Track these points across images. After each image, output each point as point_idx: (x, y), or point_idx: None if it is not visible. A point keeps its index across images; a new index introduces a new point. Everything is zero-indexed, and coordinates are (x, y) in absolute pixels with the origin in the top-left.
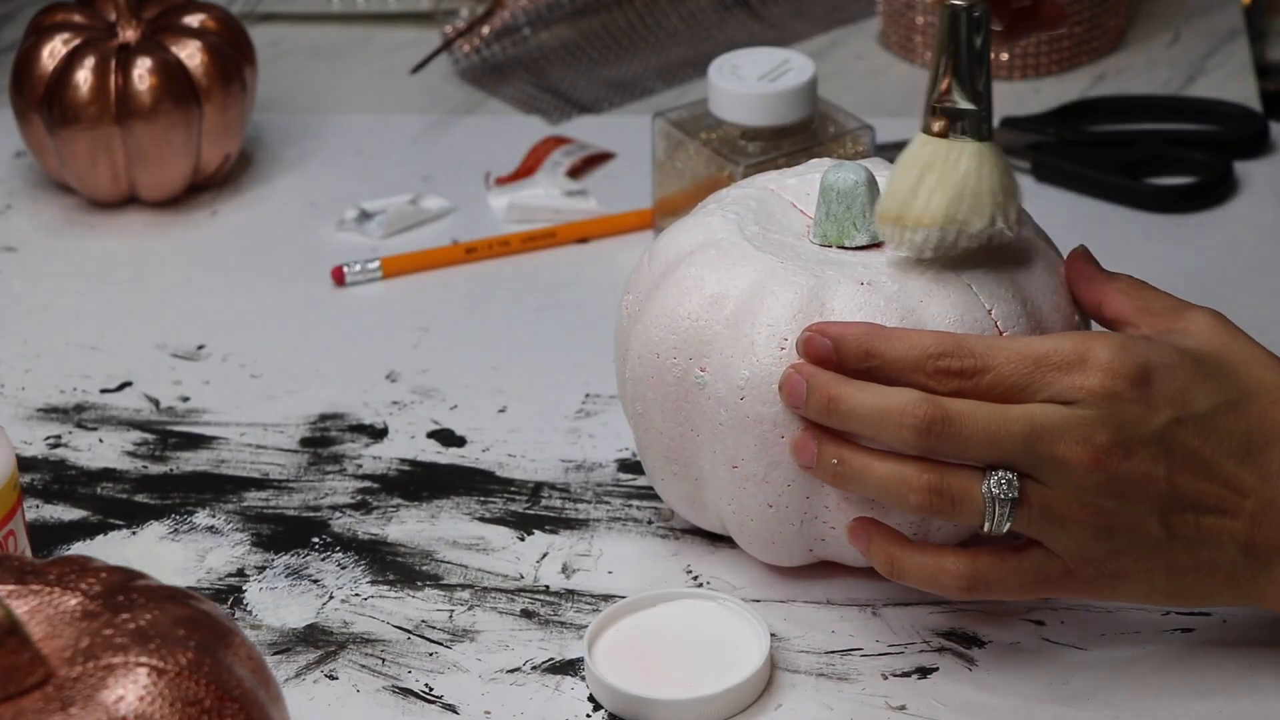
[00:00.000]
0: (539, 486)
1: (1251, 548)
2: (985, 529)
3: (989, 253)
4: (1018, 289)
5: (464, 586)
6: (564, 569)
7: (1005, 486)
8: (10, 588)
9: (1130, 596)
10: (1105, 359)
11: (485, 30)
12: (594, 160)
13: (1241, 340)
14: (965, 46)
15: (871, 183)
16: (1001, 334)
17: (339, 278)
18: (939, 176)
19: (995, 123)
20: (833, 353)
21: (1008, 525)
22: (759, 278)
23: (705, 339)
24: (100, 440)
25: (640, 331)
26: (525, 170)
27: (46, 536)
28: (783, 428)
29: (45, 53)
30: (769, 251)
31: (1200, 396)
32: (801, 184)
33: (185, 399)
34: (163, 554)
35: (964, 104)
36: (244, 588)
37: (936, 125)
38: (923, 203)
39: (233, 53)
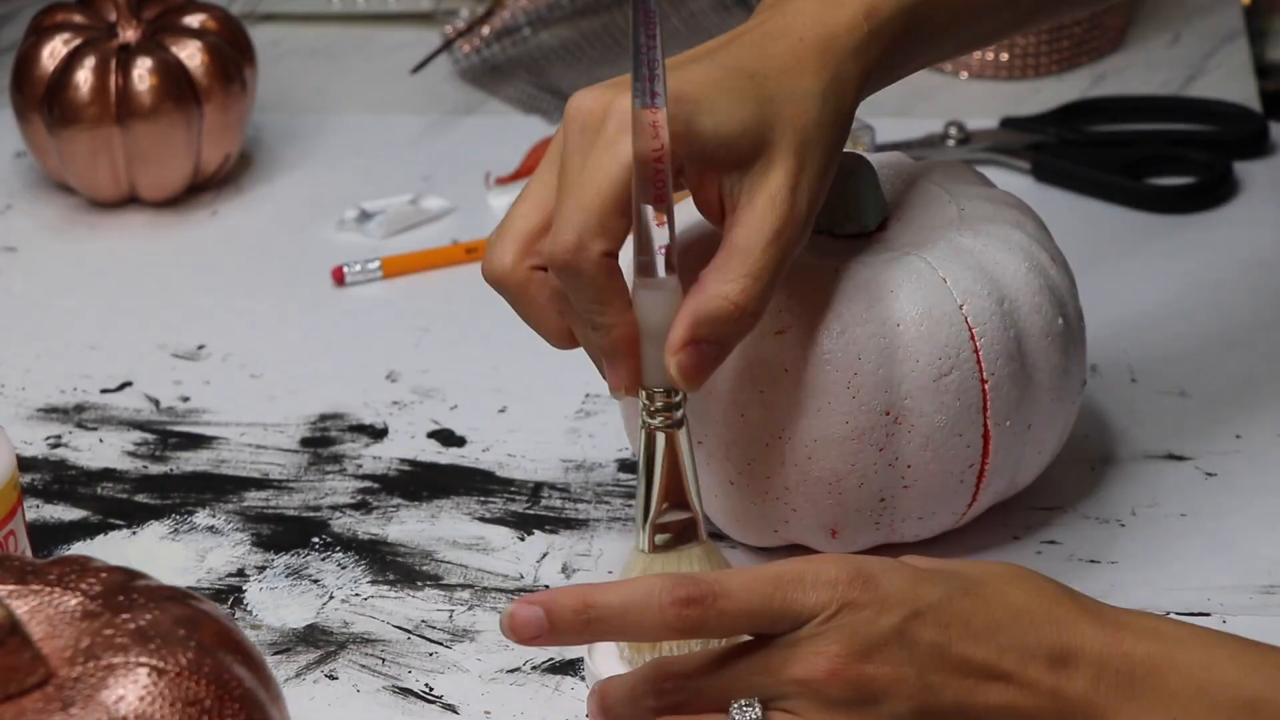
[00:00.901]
0: (539, 486)
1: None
2: None
3: (968, 247)
4: (994, 286)
5: (464, 586)
6: (564, 569)
7: (743, 711)
8: (10, 588)
9: None
10: (829, 573)
11: (485, 30)
12: None
13: (1017, 569)
14: (665, 462)
15: (867, 171)
16: (972, 330)
17: (339, 278)
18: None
19: (995, 122)
20: (544, 621)
21: None
22: None
23: None
24: (100, 440)
25: None
26: (525, 170)
27: (46, 536)
28: (743, 406)
29: (45, 53)
30: None
31: (929, 589)
32: None
33: (185, 399)
34: (163, 554)
35: (686, 512)
36: (244, 588)
37: (658, 540)
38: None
39: (233, 53)
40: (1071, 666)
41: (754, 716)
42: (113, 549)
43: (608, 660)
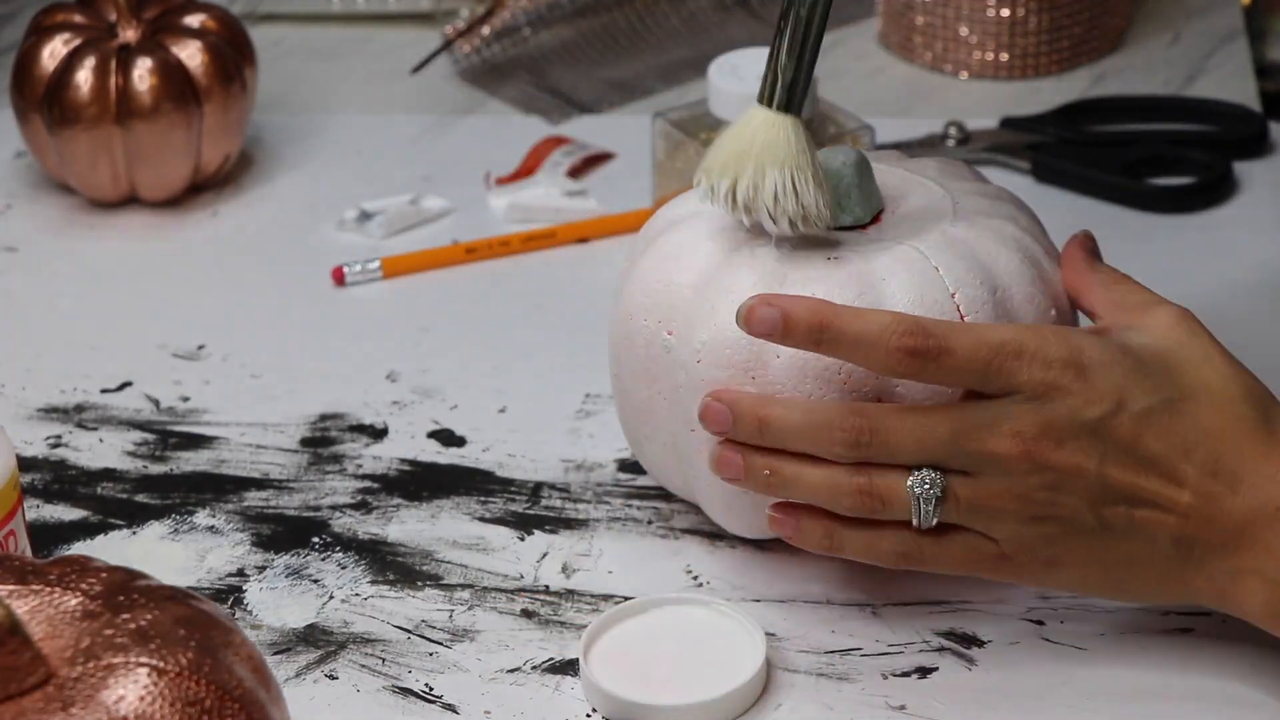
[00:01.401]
0: (539, 486)
1: (1184, 542)
2: (914, 523)
3: (961, 238)
4: (987, 275)
5: (464, 586)
6: (564, 569)
7: (927, 485)
8: (11, 588)
9: (1065, 584)
10: (1045, 350)
11: (485, 30)
12: (594, 160)
13: (1200, 339)
14: (794, 21)
15: (861, 165)
16: (964, 318)
17: (339, 278)
18: (733, 133)
19: (995, 122)
20: (779, 324)
21: (935, 520)
22: (731, 246)
23: (674, 303)
24: (100, 440)
25: (621, 294)
26: (525, 170)
27: (47, 536)
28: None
29: (45, 53)
30: (749, 225)
31: (1138, 394)
32: None
33: (185, 399)
34: (163, 554)
35: (783, 75)
36: (244, 588)
37: (760, 93)
38: (713, 155)
39: (233, 53)
40: (1239, 493)
41: (933, 487)
42: (113, 549)
43: (603, 667)
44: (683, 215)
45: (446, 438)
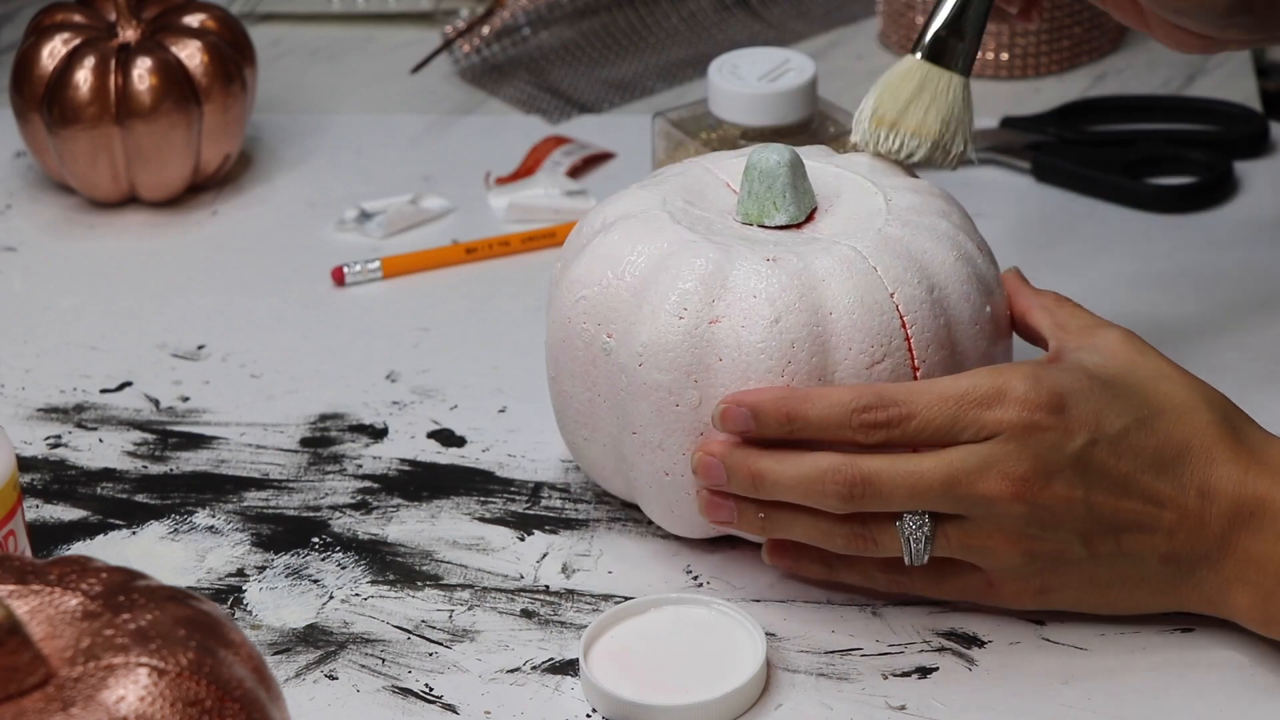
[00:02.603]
0: (539, 486)
1: (1171, 558)
2: (907, 562)
3: (897, 236)
4: (924, 274)
5: (464, 586)
6: (564, 569)
7: (917, 528)
8: (11, 588)
9: (1059, 605)
10: (1021, 391)
11: (485, 30)
12: (594, 160)
13: (1150, 357)
14: None
15: (794, 164)
16: (903, 318)
17: (339, 278)
18: (932, 97)
19: (995, 122)
20: (751, 421)
21: (926, 558)
22: (669, 248)
23: (613, 306)
24: (100, 440)
25: (557, 297)
26: (525, 170)
27: (46, 536)
28: (678, 395)
29: (45, 53)
30: (686, 225)
31: (1113, 417)
32: (739, 164)
33: (185, 399)
34: (163, 554)
35: (962, 41)
36: (244, 588)
37: (931, 52)
38: (919, 116)
39: (233, 53)
40: (1216, 504)
41: (921, 530)
42: (113, 549)
43: (603, 667)
44: (615, 216)
45: (446, 438)
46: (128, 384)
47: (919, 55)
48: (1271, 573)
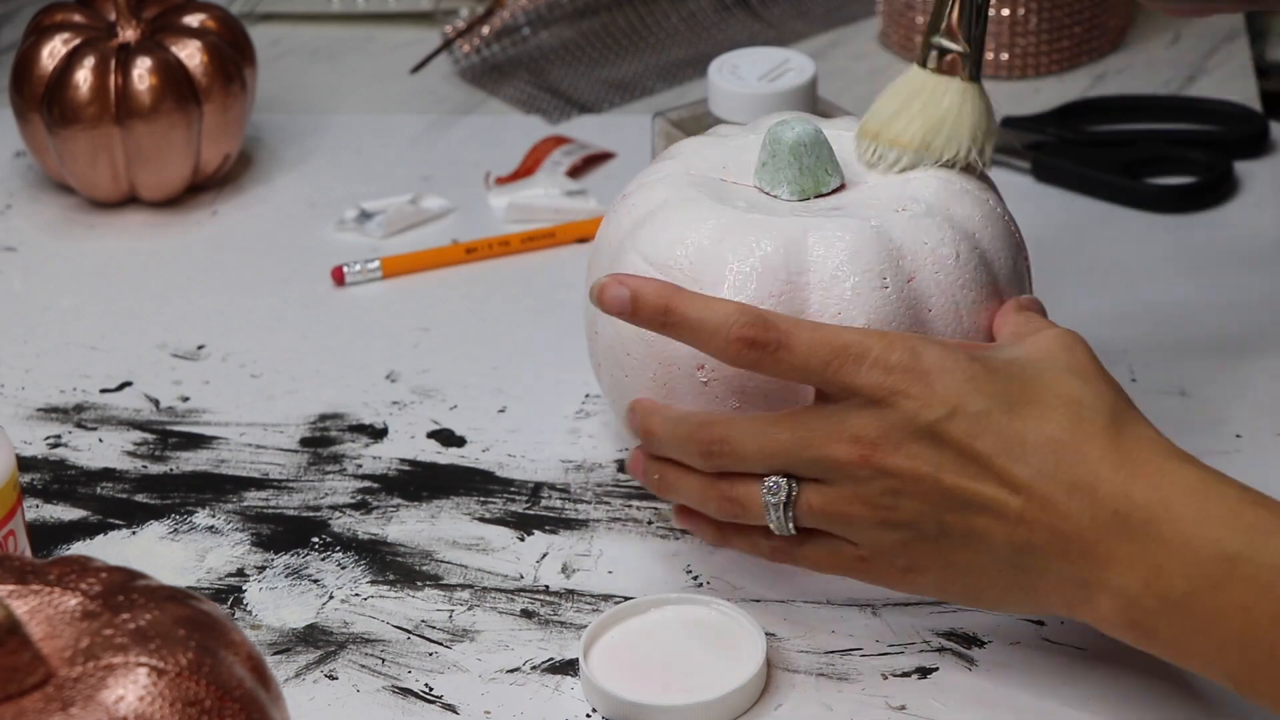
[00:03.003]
0: (539, 486)
1: (1025, 548)
2: (773, 529)
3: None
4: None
5: (464, 586)
6: (564, 569)
7: (777, 492)
8: (10, 588)
9: (928, 591)
10: (891, 358)
11: (485, 30)
12: (594, 160)
13: (1073, 354)
14: None
15: (823, 139)
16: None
17: (339, 278)
18: (922, 106)
19: (996, 120)
20: (628, 305)
21: (791, 526)
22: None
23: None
24: (100, 440)
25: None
26: (525, 170)
27: (46, 536)
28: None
29: (45, 52)
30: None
31: (976, 397)
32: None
33: (185, 399)
34: (163, 554)
35: (957, 45)
36: (244, 588)
37: (930, 61)
38: (902, 126)
39: (233, 53)
40: (1078, 500)
41: (779, 494)
42: (112, 549)
43: (603, 667)
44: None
45: (446, 438)
46: (128, 384)
47: (917, 65)
48: (1138, 578)
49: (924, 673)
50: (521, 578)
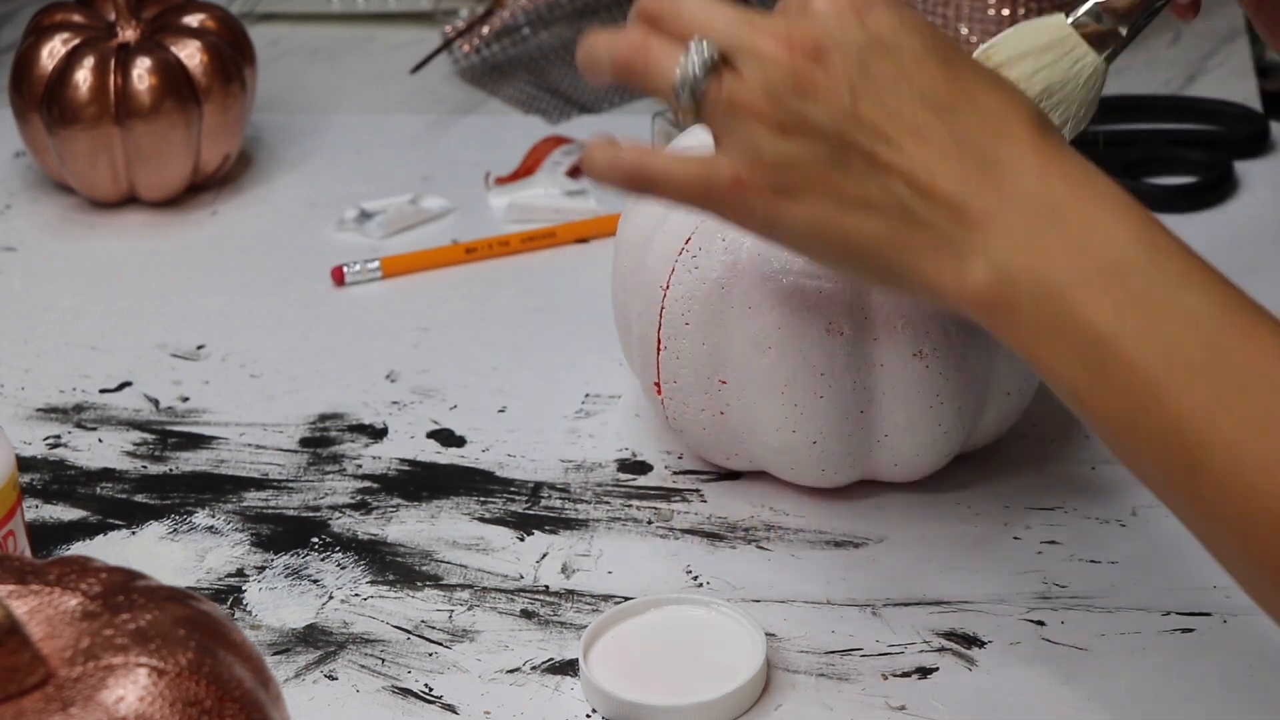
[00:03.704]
0: (539, 486)
1: (926, 192)
2: (676, 83)
3: None
4: None
5: (464, 586)
6: (564, 569)
7: (696, 52)
8: (10, 588)
9: (788, 231)
10: None
11: (485, 30)
12: None
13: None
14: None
15: None
16: None
17: (339, 278)
18: (1054, 60)
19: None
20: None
21: (689, 95)
22: None
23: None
24: (100, 440)
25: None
26: (525, 170)
27: (46, 536)
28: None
29: (45, 53)
30: None
31: (916, 40)
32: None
33: (185, 399)
34: (163, 554)
35: (1118, 25)
36: (244, 588)
37: (1083, 20)
38: (1028, 68)
39: (233, 53)
40: (994, 173)
41: (707, 57)
42: (112, 549)
43: (603, 667)
44: None
45: (446, 438)
46: (127, 384)
47: (1069, 18)
48: (1021, 256)
49: (924, 673)
50: (521, 578)
